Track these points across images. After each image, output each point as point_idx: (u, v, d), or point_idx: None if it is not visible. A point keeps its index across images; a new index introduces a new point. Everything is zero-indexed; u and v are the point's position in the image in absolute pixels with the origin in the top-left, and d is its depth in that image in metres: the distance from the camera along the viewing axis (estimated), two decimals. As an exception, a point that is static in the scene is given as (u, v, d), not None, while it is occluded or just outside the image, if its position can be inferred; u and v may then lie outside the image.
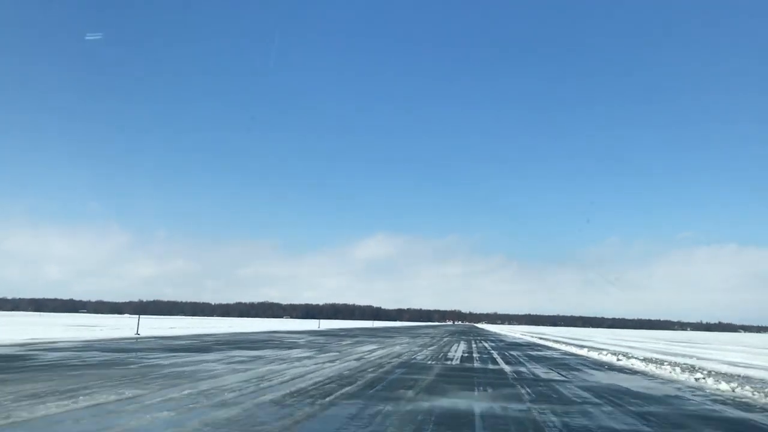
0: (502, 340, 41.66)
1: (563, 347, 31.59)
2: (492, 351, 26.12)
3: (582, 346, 32.98)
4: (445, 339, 40.49)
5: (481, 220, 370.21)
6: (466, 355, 22.55)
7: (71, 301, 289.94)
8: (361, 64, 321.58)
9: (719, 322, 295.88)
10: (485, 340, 40.37)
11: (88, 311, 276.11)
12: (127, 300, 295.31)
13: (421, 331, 63.44)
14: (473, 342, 36.57)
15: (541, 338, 49.52)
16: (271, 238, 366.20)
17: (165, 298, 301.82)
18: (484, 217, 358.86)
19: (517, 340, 42.63)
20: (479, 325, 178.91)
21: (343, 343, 29.08)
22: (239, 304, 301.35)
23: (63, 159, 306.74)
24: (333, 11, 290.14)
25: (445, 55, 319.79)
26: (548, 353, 25.73)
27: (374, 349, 24.23)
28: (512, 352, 25.31)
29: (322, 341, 30.29)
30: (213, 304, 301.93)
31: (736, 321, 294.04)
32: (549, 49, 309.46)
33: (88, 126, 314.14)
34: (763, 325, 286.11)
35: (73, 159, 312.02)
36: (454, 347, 28.46)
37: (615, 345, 39.04)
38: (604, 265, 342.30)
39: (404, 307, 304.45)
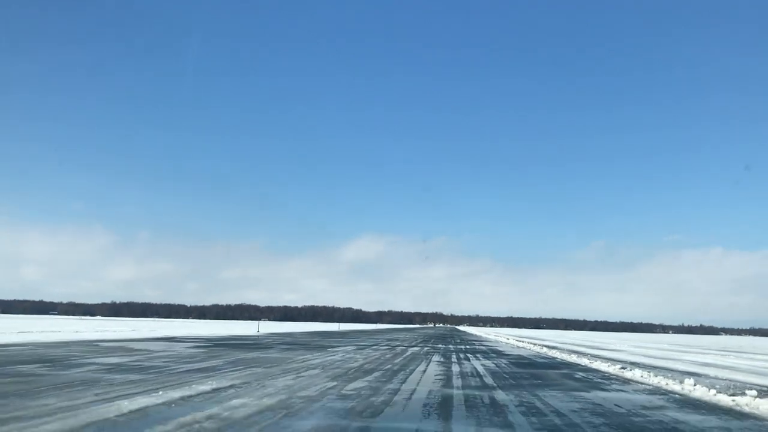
0: (499, 353, 26.29)
1: (623, 372, 16.21)
2: (501, 396, 10.68)
3: (651, 368, 17.77)
4: (412, 350, 25.05)
5: (469, 222, 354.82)
6: None
7: (41, 302, 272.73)
8: (348, 66, 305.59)
9: (701, 325, 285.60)
10: (473, 353, 24.97)
11: (59, 313, 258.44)
12: (100, 302, 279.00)
13: (387, 336, 47.80)
14: (455, 357, 21.13)
15: (548, 347, 34.23)
16: (254, 241, 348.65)
17: (144, 300, 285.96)
18: (473, 219, 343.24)
19: (522, 353, 27.24)
20: (461, 328, 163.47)
21: (181, 369, 13.54)
22: (215, 306, 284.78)
23: (47, 160, 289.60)
24: (312, 14, 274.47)
25: (432, 55, 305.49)
26: (634, 399, 10.32)
27: (184, 399, 8.69)
28: (555, 404, 9.86)
29: (145, 364, 14.73)
30: (188, 305, 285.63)
31: (717, 324, 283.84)
32: (543, 51, 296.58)
33: (75, 126, 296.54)
34: (744, 327, 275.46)
35: (57, 160, 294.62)
36: (415, 377, 13.00)
37: (677, 359, 23.86)
38: (590, 267, 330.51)
39: (385, 309, 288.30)
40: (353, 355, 20.29)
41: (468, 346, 31.97)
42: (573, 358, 22.22)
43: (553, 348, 32.66)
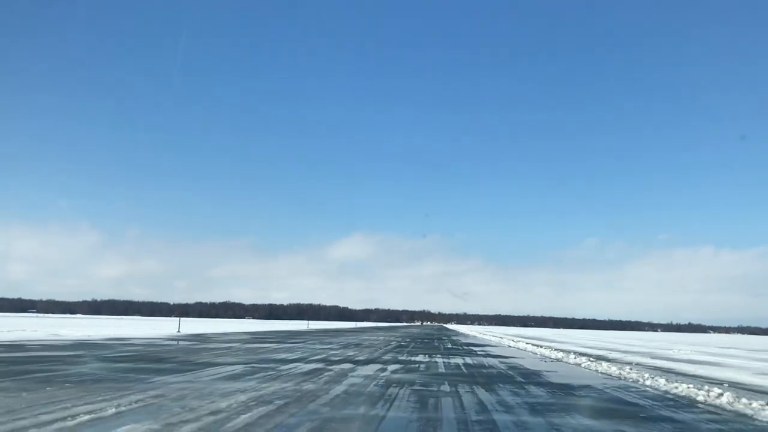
0: (537, 381, 12.86)
1: None
2: None
3: None
4: (358, 377, 11.62)
5: (462, 221, 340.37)
6: None
7: (20, 300, 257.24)
8: (346, 65, 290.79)
9: (689, 323, 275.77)
10: (488, 385, 11.52)
11: (38, 311, 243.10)
12: (82, 299, 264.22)
13: (354, 339, 34.13)
14: (453, 420, 7.71)
15: (597, 358, 20.87)
16: (244, 239, 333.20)
17: (132, 299, 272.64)
18: (466, 219, 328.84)
19: (586, 379, 13.75)
20: (450, 326, 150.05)
21: None
22: (199, 303, 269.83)
23: (33, 157, 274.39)
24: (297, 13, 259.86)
25: (427, 55, 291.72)
26: None
27: None
28: None
29: None
30: (171, 303, 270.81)
31: (706, 322, 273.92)
32: (538, 51, 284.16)
33: (66, 124, 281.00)
34: (732, 326, 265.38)
35: (45, 157, 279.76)
36: None
37: None
38: (581, 265, 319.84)
39: (373, 307, 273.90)
40: (148, 414, 6.66)
41: (470, 360, 18.42)
42: (739, 404, 8.79)
43: (603, 359, 19.25)
